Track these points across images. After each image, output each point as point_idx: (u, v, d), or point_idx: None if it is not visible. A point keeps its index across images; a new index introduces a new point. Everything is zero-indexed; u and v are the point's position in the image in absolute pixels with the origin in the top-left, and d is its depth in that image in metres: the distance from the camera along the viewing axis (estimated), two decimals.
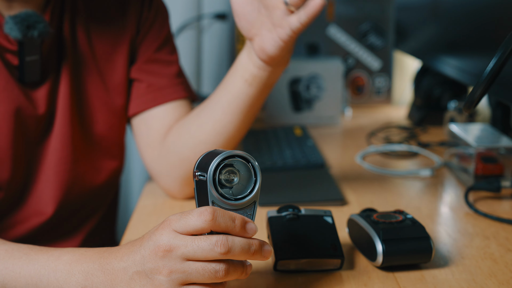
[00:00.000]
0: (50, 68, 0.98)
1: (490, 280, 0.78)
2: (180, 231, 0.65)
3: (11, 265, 0.73)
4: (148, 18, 1.07)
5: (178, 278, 0.65)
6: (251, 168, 0.68)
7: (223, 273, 0.65)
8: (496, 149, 1.08)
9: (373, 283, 0.77)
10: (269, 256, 0.68)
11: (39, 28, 0.91)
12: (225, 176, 0.67)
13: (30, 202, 0.99)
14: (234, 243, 0.65)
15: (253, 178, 0.68)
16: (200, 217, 0.65)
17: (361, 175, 1.20)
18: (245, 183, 0.68)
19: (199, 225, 0.65)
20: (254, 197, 0.68)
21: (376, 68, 1.75)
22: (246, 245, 0.66)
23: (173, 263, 0.65)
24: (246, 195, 0.68)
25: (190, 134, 1.00)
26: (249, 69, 0.94)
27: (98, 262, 0.70)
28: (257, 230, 0.67)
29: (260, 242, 0.67)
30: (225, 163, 0.67)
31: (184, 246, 0.64)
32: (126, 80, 1.06)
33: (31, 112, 0.95)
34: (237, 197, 0.68)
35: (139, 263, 0.67)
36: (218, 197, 0.67)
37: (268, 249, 0.68)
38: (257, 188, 0.68)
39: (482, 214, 0.98)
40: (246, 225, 0.67)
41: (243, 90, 0.95)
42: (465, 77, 1.20)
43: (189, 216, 0.65)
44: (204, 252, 0.64)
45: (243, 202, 0.68)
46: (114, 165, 1.08)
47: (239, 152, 0.67)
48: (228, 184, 0.67)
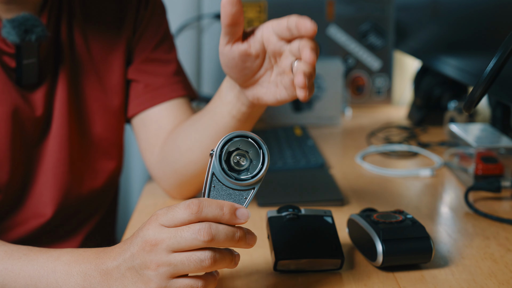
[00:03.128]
0: (48, 70, 0.97)
1: (490, 280, 0.78)
2: (167, 224, 0.65)
3: (10, 266, 0.73)
4: (144, 18, 1.06)
5: (165, 271, 0.65)
6: (261, 155, 0.68)
7: (209, 261, 0.64)
8: (496, 149, 1.08)
9: (373, 283, 0.77)
10: (253, 243, 0.67)
11: (36, 32, 0.91)
12: (235, 159, 0.68)
13: (29, 204, 0.99)
14: (218, 230, 0.64)
15: (260, 165, 0.68)
16: (186, 209, 0.65)
17: (361, 175, 1.20)
18: (253, 170, 0.68)
19: (186, 218, 0.65)
20: (255, 182, 0.68)
21: (376, 68, 1.75)
22: (231, 232, 0.65)
23: (159, 256, 0.65)
24: (248, 178, 0.67)
25: (181, 153, 0.99)
26: (237, 107, 0.88)
27: (94, 263, 0.70)
28: (250, 215, 0.67)
29: (244, 229, 0.67)
30: (235, 141, 0.67)
31: (168, 238, 0.64)
32: (123, 80, 1.06)
33: (28, 114, 0.95)
34: (239, 177, 0.68)
35: (129, 260, 0.67)
36: (220, 170, 0.67)
37: (252, 236, 0.67)
38: (261, 174, 0.68)
39: (482, 214, 0.97)
40: (237, 211, 0.66)
41: (231, 124, 0.91)
42: (465, 77, 1.20)
43: (175, 209, 0.65)
44: (188, 242, 0.64)
45: (243, 183, 0.67)
46: (112, 166, 1.08)
47: (253, 135, 0.68)
48: (237, 167, 0.68)
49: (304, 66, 0.70)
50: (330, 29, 1.72)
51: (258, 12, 1.70)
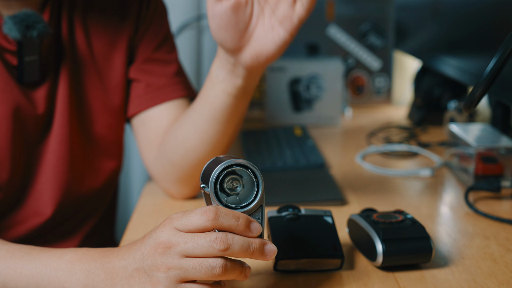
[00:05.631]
0: (49, 68, 0.97)
1: (490, 280, 0.78)
2: (181, 229, 0.65)
3: (13, 265, 0.73)
4: (146, 17, 1.06)
5: (175, 275, 0.65)
6: (251, 174, 0.68)
7: (220, 270, 0.64)
8: (496, 149, 1.08)
9: (373, 283, 0.77)
10: (273, 255, 0.67)
11: (38, 29, 0.91)
12: (229, 185, 0.68)
13: (29, 202, 0.99)
14: (234, 240, 0.65)
15: (255, 183, 0.68)
16: (203, 216, 0.65)
17: (361, 175, 1.20)
18: (250, 188, 0.68)
19: (201, 224, 0.65)
20: (259, 202, 0.68)
21: (376, 68, 1.75)
22: (246, 243, 0.65)
23: (171, 259, 0.65)
24: (250, 202, 0.68)
25: (178, 143, 0.99)
26: (232, 82, 0.89)
27: (99, 261, 0.70)
28: (262, 229, 0.67)
29: (262, 241, 0.67)
30: (224, 173, 0.67)
31: (184, 243, 0.64)
32: (124, 80, 1.06)
33: (30, 112, 0.95)
34: (243, 205, 0.68)
35: (138, 261, 0.67)
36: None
37: (271, 248, 0.67)
38: (261, 193, 0.68)
39: (482, 214, 0.98)
40: (251, 224, 0.67)
41: (227, 102, 0.91)
42: (465, 77, 1.20)
43: (191, 214, 0.65)
44: (203, 249, 0.64)
45: (249, 208, 0.68)
46: (112, 165, 1.08)
47: (237, 161, 0.68)
48: (233, 192, 0.68)
49: None
50: (330, 29, 1.72)
51: None
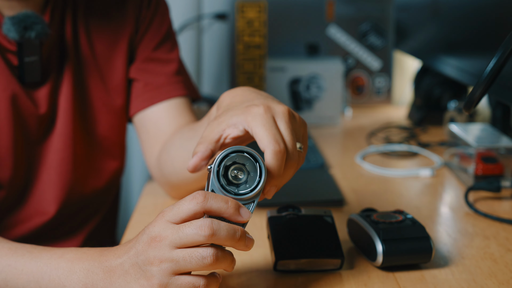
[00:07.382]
0: (52, 68, 0.98)
1: (490, 280, 0.78)
2: (173, 220, 0.66)
3: (14, 262, 0.74)
4: (147, 16, 1.06)
5: (168, 267, 0.65)
6: (258, 168, 0.68)
7: (211, 259, 0.64)
8: (496, 149, 1.08)
9: (373, 283, 0.77)
10: (251, 245, 0.68)
11: (36, 29, 0.91)
12: (233, 173, 0.68)
13: (32, 201, 0.99)
14: (220, 226, 0.65)
15: (258, 178, 0.68)
16: (192, 200, 0.65)
17: (361, 175, 1.20)
18: (251, 182, 0.68)
19: (191, 209, 0.65)
20: (254, 196, 0.68)
21: (376, 68, 1.75)
22: (232, 230, 0.65)
23: (162, 252, 0.65)
24: (247, 192, 0.68)
25: (174, 169, 0.98)
26: None
27: (98, 260, 0.70)
28: (251, 215, 0.67)
29: (244, 230, 0.67)
30: (232, 156, 0.67)
31: (172, 234, 0.65)
32: (125, 79, 1.06)
33: (32, 111, 0.95)
34: (238, 192, 0.68)
35: (133, 257, 0.67)
36: (219, 187, 0.67)
37: (251, 239, 0.68)
38: (259, 188, 0.68)
39: (482, 214, 0.98)
40: (240, 209, 0.67)
41: None
42: (465, 77, 1.20)
43: (181, 202, 0.66)
44: (189, 237, 0.64)
45: (242, 197, 0.68)
46: (115, 165, 1.08)
47: (249, 149, 0.68)
48: (235, 181, 0.68)
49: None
50: (330, 29, 1.72)
51: (258, 12, 1.70)
